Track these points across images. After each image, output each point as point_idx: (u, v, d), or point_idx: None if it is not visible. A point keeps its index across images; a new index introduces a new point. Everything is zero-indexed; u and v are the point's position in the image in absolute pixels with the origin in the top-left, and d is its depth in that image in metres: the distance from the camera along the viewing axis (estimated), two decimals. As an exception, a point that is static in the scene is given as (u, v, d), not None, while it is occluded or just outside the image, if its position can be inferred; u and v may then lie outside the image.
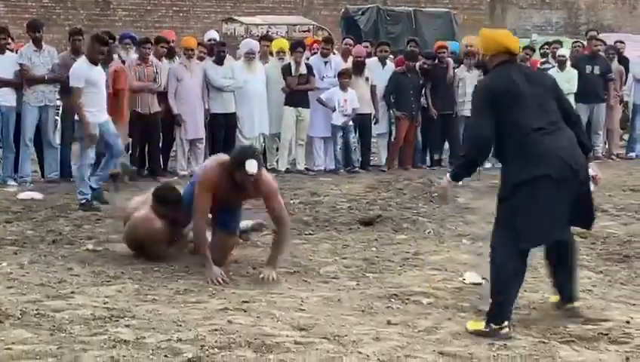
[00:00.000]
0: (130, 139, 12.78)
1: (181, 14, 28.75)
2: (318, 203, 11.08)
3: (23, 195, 11.18)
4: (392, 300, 6.59)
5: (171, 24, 26.85)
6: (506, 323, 5.81)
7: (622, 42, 16.97)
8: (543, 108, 5.98)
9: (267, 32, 20.77)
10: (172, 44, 14.07)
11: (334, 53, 14.67)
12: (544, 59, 16.21)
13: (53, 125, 12.56)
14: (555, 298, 6.48)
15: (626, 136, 16.90)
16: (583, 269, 7.57)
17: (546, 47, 16.33)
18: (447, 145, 15.06)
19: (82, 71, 10.52)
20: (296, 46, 13.82)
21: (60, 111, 12.77)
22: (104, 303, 6.50)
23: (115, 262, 7.92)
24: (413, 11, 26.77)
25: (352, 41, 15.14)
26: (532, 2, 33.80)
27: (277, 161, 14.05)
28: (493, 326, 5.82)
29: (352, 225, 9.66)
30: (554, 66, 15.30)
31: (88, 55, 10.60)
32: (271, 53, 14.31)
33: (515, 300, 6.02)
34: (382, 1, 28.70)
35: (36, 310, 6.23)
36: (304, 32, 23.35)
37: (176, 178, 13.09)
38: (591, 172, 6.21)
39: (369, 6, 26.34)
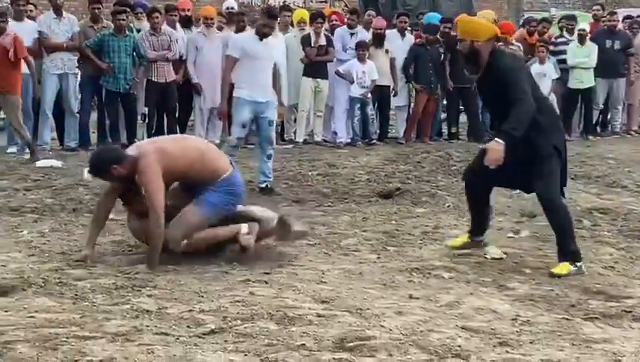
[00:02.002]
0: (147, 108, 12.77)
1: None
2: (336, 175, 11.06)
3: (41, 163, 11.19)
4: (414, 274, 6.56)
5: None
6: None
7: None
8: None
9: (284, 2, 20.63)
10: (188, 13, 14.02)
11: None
12: (559, 34, 16.02)
13: (74, 93, 12.56)
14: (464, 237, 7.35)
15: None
16: (605, 245, 7.55)
17: (564, 21, 16.16)
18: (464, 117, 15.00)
19: (242, 42, 9.94)
20: (316, 17, 13.76)
21: (79, 80, 12.77)
22: (125, 273, 6.51)
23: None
24: (432, -17, 26.52)
25: (374, 13, 15.05)
26: (551, -26, 33.52)
27: (294, 132, 14.01)
28: (578, 264, 6.59)
29: (370, 198, 9.65)
30: (569, 41, 15.12)
31: (257, 28, 9.92)
32: (292, 24, 14.23)
33: None
34: (402, -28, 28.41)
35: (58, 278, 6.24)
36: (321, 2, 23.21)
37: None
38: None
39: (388, -23, 26.09)
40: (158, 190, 6.62)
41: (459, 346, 4.87)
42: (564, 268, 6.55)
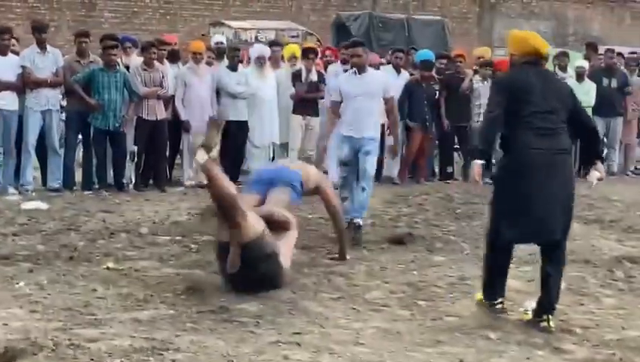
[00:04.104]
0: (136, 147, 12.20)
1: (168, 17, 28.01)
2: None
3: (27, 205, 10.57)
4: (457, 334, 6.05)
5: (158, 27, 26.18)
6: None
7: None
8: (548, 110, 6.30)
9: (256, 36, 20.31)
10: (175, 47, 13.53)
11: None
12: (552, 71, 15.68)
13: (57, 130, 11.94)
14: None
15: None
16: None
17: (556, 59, 15.83)
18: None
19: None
20: (308, 52, 13.28)
21: (64, 117, 12.17)
22: (141, 331, 5.94)
23: (141, 282, 7.38)
24: (406, 19, 26.30)
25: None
26: (521, 12, 33.43)
27: (286, 172, 13.48)
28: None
29: (381, 244, 9.15)
30: (563, 78, 14.78)
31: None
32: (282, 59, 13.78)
33: None
34: (373, 7, 28.21)
35: (69, 340, 5.65)
36: (293, 37, 22.82)
37: (181, 188, 12.57)
38: (597, 175, 6.57)
39: (361, 12, 25.82)
40: None
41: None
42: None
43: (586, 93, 14.23)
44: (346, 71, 13.57)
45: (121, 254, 8.41)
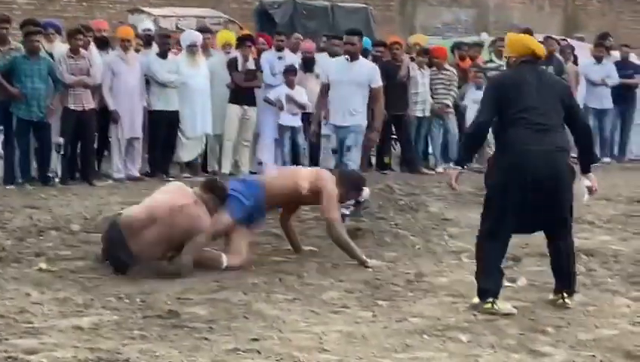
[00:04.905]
0: (62, 139, 11.57)
1: (85, 3, 27.10)
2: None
3: (-53, 202, 9.92)
4: (425, 337, 5.67)
5: (74, 13, 25.34)
6: None
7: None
8: (543, 107, 6.23)
9: (176, 24, 19.79)
10: (105, 34, 12.94)
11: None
12: (488, 59, 15.47)
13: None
14: None
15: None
16: (615, 295, 6.82)
17: (493, 45, 15.60)
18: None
19: None
20: (245, 40, 12.79)
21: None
22: (85, 341, 5.44)
23: (78, 285, 6.87)
24: (330, 6, 25.90)
25: (301, 35, 14.21)
26: (442, 0, 33.38)
27: (219, 163, 13.00)
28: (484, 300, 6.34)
29: (329, 239, 8.70)
30: (500, 66, 14.57)
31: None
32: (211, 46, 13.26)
33: None
34: (297, -6, 27.76)
35: (5, 352, 5.16)
36: (214, 24, 22.30)
37: (110, 182, 12.00)
38: (586, 183, 6.55)
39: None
40: None
41: None
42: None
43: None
44: (280, 58, 13.25)
45: (54, 254, 7.87)
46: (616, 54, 16.28)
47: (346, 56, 9.91)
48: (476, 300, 6.32)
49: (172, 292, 6.66)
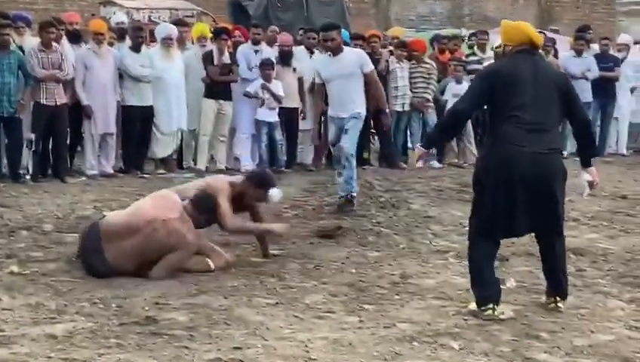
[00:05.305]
0: (33, 135, 11.26)
1: (55, -5, 26.83)
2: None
3: None
4: (415, 344, 5.44)
5: (44, 5, 24.90)
6: None
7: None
8: (539, 103, 5.91)
9: (149, 16, 19.45)
10: (77, 27, 12.61)
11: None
12: (470, 52, 15.28)
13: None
14: None
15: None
16: (608, 297, 6.61)
17: (474, 38, 15.41)
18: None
19: None
20: (220, 32, 12.49)
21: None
22: (58, 351, 5.18)
23: (51, 289, 6.59)
24: (305, -3, 25.66)
25: (277, 28, 13.93)
26: (417, -8, 33.20)
27: (194, 159, 12.72)
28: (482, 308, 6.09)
29: (310, 239, 8.49)
30: (483, 59, 14.37)
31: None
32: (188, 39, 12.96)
33: None
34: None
35: (-24, 364, 4.88)
36: (188, 17, 21.98)
37: (83, 178, 11.69)
38: (587, 177, 6.25)
39: (259, -8, 25.06)
40: None
41: None
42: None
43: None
44: (256, 52, 12.96)
45: (25, 255, 7.58)
46: (595, 47, 16.12)
47: (328, 53, 9.91)
48: (473, 306, 6.06)
49: (149, 297, 6.39)
